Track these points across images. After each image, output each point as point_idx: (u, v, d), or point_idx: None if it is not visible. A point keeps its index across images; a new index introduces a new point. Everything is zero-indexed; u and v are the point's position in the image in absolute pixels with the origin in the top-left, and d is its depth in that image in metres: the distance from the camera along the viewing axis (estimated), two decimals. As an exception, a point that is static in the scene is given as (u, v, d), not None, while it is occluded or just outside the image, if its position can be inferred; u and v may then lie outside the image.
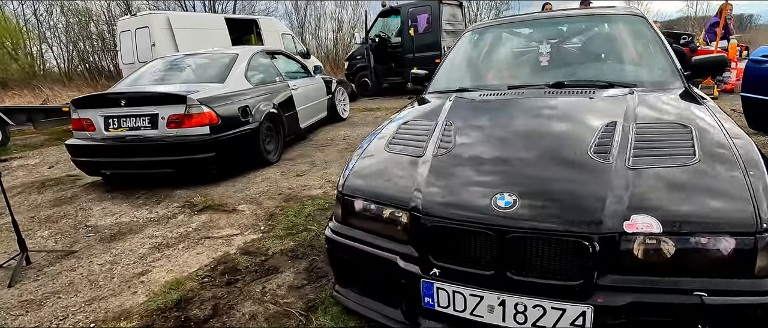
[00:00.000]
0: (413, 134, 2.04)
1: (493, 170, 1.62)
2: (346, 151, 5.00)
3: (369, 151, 2.00)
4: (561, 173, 1.52)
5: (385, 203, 1.65)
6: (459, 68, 2.96)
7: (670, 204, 1.30)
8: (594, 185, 1.41)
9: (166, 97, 3.76)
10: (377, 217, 1.67)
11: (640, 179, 1.40)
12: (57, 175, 5.00)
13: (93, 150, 3.90)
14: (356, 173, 1.85)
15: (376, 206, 1.67)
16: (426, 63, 9.91)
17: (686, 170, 1.41)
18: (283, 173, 4.25)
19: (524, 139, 1.78)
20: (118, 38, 10.12)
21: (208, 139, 3.75)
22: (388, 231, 1.64)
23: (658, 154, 1.50)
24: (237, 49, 4.95)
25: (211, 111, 3.81)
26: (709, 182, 1.37)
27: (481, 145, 1.79)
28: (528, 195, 1.42)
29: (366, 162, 1.92)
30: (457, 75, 2.90)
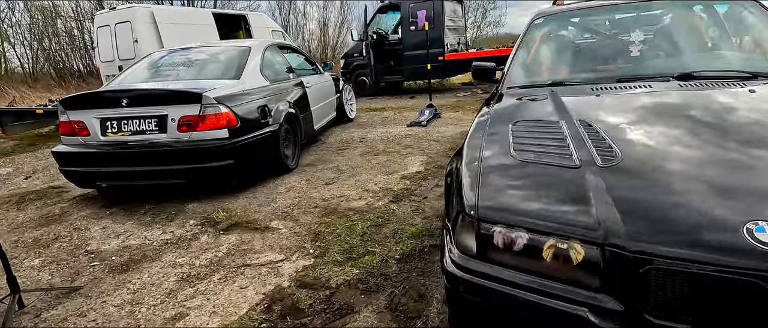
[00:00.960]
0: (539, 137, 1.62)
1: (724, 187, 1.19)
2: (369, 155, 4.54)
3: (489, 160, 1.56)
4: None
5: (552, 233, 1.22)
6: (540, 60, 2.55)
7: None
8: None
9: (177, 96, 3.21)
10: (539, 251, 1.24)
11: None
12: (37, 186, 4.34)
13: (87, 158, 3.31)
14: (493, 188, 1.41)
15: (539, 236, 1.24)
16: (428, 61, 9.55)
17: None
18: (309, 182, 3.75)
19: (740, 146, 1.37)
20: (95, 34, 9.31)
21: (226, 144, 3.22)
22: (561, 272, 1.20)
23: None
24: (248, 42, 4.40)
25: (230, 111, 3.28)
26: None
27: (674, 153, 1.38)
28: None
29: (498, 175, 1.47)
30: (539, 67, 2.50)
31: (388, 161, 4.24)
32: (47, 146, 6.88)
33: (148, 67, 4.04)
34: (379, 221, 2.77)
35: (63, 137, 3.43)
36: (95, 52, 9.76)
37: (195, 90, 3.20)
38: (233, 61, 3.92)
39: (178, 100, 3.19)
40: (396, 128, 6.03)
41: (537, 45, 2.63)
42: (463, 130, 5.49)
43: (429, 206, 3.00)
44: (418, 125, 6.05)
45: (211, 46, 4.36)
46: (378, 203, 3.12)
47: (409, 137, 5.34)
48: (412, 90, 11.57)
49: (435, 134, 5.40)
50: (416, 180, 3.60)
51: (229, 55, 4.04)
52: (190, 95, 3.18)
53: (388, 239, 2.49)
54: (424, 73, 9.95)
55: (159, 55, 4.28)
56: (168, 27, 8.81)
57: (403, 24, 9.89)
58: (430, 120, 6.22)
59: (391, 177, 3.72)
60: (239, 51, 4.07)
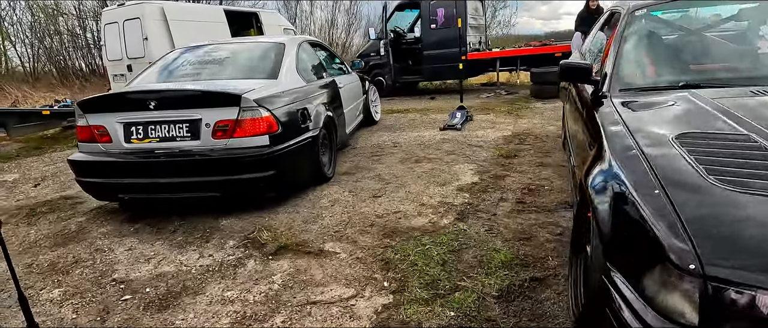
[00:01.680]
0: (732, 156, 1.23)
1: None
2: (410, 163, 4.15)
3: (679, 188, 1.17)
4: None
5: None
6: (656, 56, 2.16)
7: None
8: None
9: (212, 97, 2.82)
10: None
11: None
12: (48, 196, 3.95)
13: (108, 168, 2.92)
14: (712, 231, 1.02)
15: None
16: (449, 60, 9.17)
17: None
18: (353, 194, 3.36)
19: None
20: (103, 31, 8.92)
21: (266, 152, 2.83)
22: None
23: None
24: (280, 38, 4.01)
25: (271, 115, 2.89)
26: None
27: None
28: None
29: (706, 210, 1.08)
30: (656, 65, 2.12)
31: (434, 170, 3.85)
32: (53, 150, 6.50)
33: (172, 66, 3.64)
34: (454, 244, 2.38)
35: (81, 144, 3.04)
36: (102, 51, 9.35)
37: (233, 91, 2.81)
38: (268, 58, 3.54)
39: (213, 103, 2.81)
40: (428, 132, 5.65)
41: (646, 40, 2.24)
42: (504, 135, 5.12)
43: (503, 226, 2.62)
44: (452, 129, 5.66)
45: (242, 43, 3.98)
46: (443, 220, 2.73)
47: (446, 142, 4.95)
48: (429, 91, 11.18)
49: (474, 139, 5.02)
50: (475, 193, 3.22)
51: (263, 52, 3.65)
52: (228, 97, 2.80)
53: (475, 270, 2.10)
54: (444, 73, 9.58)
55: (184, 51, 3.88)
56: (179, 24, 8.42)
57: (422, 22, 9.50)
58: (464, 123, 5.84)
59: (446, 189, 3.33)
60: (273, 47, 3.68)
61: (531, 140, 4.76)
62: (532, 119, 6.01)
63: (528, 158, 4.05)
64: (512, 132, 5.25)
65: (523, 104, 7.41)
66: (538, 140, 4.74)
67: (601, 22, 3.32)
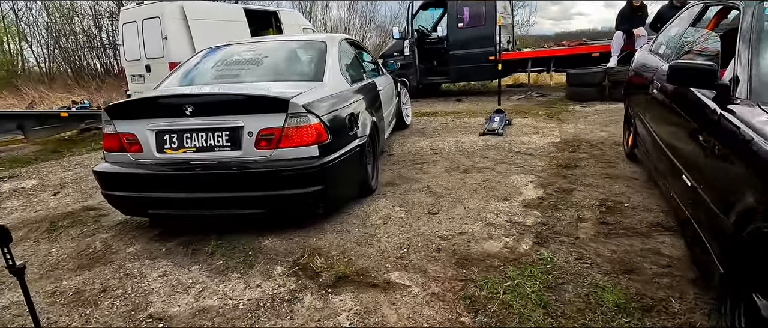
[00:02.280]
0: None
1: None
2: (458, 173, 3.79)
3: None
4: None
5: None
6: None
7: None
8: None
9: (256, 102, 2.49)
10: None
11: None
12: (68, 207, 3.66)
13: (139, 181, 2.61)
14: None
15: None
16: (477, 60, 8.78)
17: None
18: (404, 209, 3.02)
19: None
20: (121, 31, 8.69)
21: (316, 164, 2.49)
22: None
23: None
24: (321, 36, 3.67)
25: (320, 122, 2.55)
26: None
27: None
28: None
29: None
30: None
31: (488, 182, 3.49)
32: (72, 153, 6.26)
33: (205, 66, 3.32)
34: (547, 278, 2.01)
35: (107, 153, 2.73)
36: (120, 51, 9.13)
37: (280, 95, 2.48)
38: (310, 58, 3.21)
39: (256, 108, 2.48)
40: (467, 137, 5.28)
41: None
42: (553, 142, 4.73)
43: (594, 253, 2.25)
44: (492, 134, 5.29)
45: (280, 40, 3.65)
46: (520, 246, 2.37)
47: (491, 149, 4.58)
48: (453, 92, 10.80)
49: (520, 146, 4.64)
50: (545, 210, 2.85)
51: (304, 51, 3.32)
52: (274, 102, 2.47)
53: (585, 314, 1.74)
54: (472, 74, 9.19)
55: (216, 50, 3.56)
56: (199, 23, 8.16)
57: (449, 21, 9.12)
58: (504, 128, 5.46)
59: (510, 205, 2.97)
60: (315, 46, 3.35)
61: (586, 148, 4.37)
62: (576, 124, 5.61)
63: (591, 169, 3.66)
64: (561, 138, 4.86)
65: (560, 107, 7.00)
66: (594, 148, 4.34)
67: (689, 17, 2.92)
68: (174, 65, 7.85)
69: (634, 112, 3.42)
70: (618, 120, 5.61)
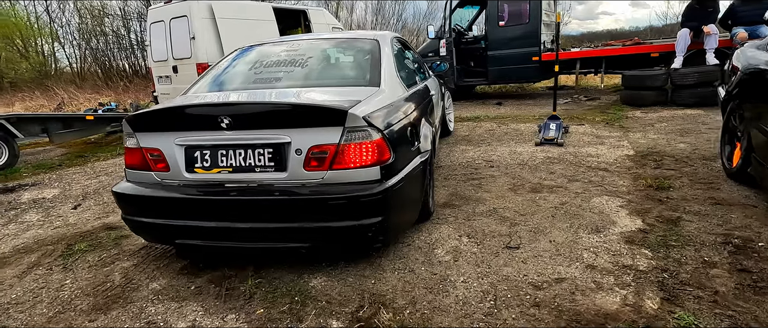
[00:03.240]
0: None
1: None
2: (525, 192, 3.26)
3: None
4: None
5: None
6: None
7: None
8: None
9: (306, 113, 2.03)
10: None
11: None
12: (88, 223, 3.30)
13: (164, 206, 2.18)
14: None
15: None
16: (520, 61, 8.18)
17: None
18: (474, 240, 2.51)
19: None
20: (148, 30, 8.46)
21: (377, 191, 2.01)
22: None
23: None
24: (369, 33, 3.18)
25: (383, 138, 2.07)
26: None
27: None
28: None
29: None
30: None
31: (568, 206, 2.94)
32: (97, 158, 5.99)
33: (240, 69, 2.89)
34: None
35: (129, 171, 2.31)
36: (147, 51, 8.92)
37: (337, 105, 2.00)
38: (362, 59, 2.73)
39: (307, 120, 2.02)
40: (522, 147, 4.73)
41: None
42: (626, 154, 4.13)
43: (751, 317, 1.69)
44: (551, 144, 4.72)
45: (323, 38, 3.19)
46: (645, 302, 1.83)
47: (555, 162, 4.02)
48: (490, 95, 10.21)
49: (588, 159, 4.06)
50: (655, 248, 2.29)
51: (354, 51, 2.85)
52: (329, 113, 2.00)
53: None
54: (514, 76, 8.56)
55: (251, 50, 3.11)
56: (227, 22, 7.85)
57: (489, 19, 8.53)
58: (562, 136, 4.88)
59: (606, 239, 2.42)
60: (365, 44, 2.87)
61: (670, 163, 3.76)
62: (646, 133, 4.97)
63: (689, 191, 3.07)
64: (635, 150, 4.25)
65: (617, 113, 6.34)
66: (681, 164, 3.73)
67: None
68: (202, 67, 7.60)
69: (751, 123, 2.81)
70: (694, 129, 4.96)
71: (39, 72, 16.55)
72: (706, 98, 6.11)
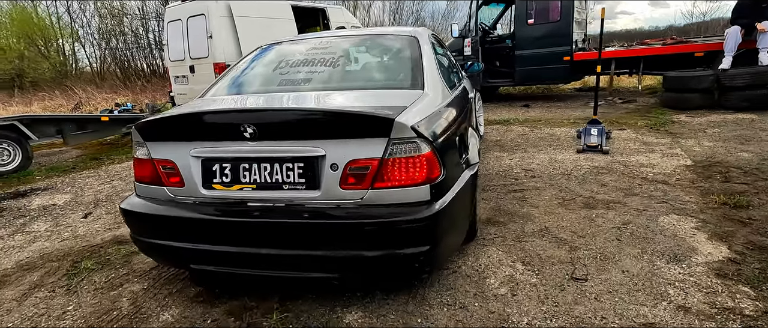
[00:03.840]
0: None
1: None
2: (577, 207, 2.89)
3: None
4: None
5: None
6: None
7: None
8: None
9: (346, 121, 1.71)
10: None
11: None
12: (97, 236, 3.05)
13: (178, 226, 1.89)
14: None
15: None
16: (548, 61, 7.76)
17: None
18: (531, 268, 2.16)
19: None
20: (166, 29, 8.29)
21: (427, 215, 1.68)
22: None
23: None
24: (405, 29, 2.86)
25: (433, 151, 1.75)
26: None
27: None
28: None
29: None
30: None
31: (631, 225, 2.57)
32: (112, 160, 5.80)
33: (264, 68, 2.59)
34: None
35: (139, 185, 2.03)
36: (164, 51, 8.76)
37: (381, 112, 1.68)
38: (401, 57, 2.40)
39: (346, 130, 1.70)
40: (562, 154, 4.35)
41: None
42: (684, 164, 3.72)
43: None
44: (593, 151, 4.33)
45: (355, 35, 2.87)
46: (768, 361, 1.47)
47: (603, 172, 3.64)
48: (515, 96, 9.78)
49: (641, 169, 3.66)
50: (754, 283, 1.91)
51: (391, 49, 2.53)
52: (373, 122, 1.67)
53: None
54: (544, 76, 8.12)
55: (273, 48, 2.81)
56: (245, 21, 7.63)
57: (516, 17, 8.13)
58: (606, 143, 4.48)
59: (692, 271, 2.05)
60: (403, 41, 2.54)
61: (739, 176, 3.34)
62: (699, 140, 4.54)
63: (773, 210, 2.67)
64: (692, 160, 3.83)
65: (659, 117, 5.89)
66: (752, 176, 3.31)
67: None
68: (219, 67, 7.38)
69: None
70: (754, 137, 4.50)
71: (59, 72, 16.67)
72: (758, 102, 5.63)
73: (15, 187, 4.64)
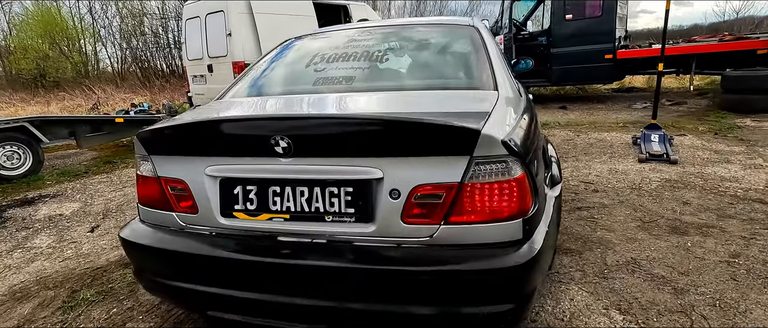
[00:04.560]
0: None
1: None
2: (665, 232, 2.40)
3: None
4: None
5: None
6: None
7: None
8: None
9: (411, 134, 1.27)
10: None
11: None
12: (102, 256, 2.69)
13: (190, 264, 1.48)
14: None
15: None
16: (589, 59, 7.20)
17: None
18: (631, 315, 1.69)
19: None
20: (184, 27, 8.02)
21: (521, 261, 1.23)
22: None
23: None
24: (460, 19, 2.39)
25: (526, 174, 1.30)
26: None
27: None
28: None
29: None
30: None
31: (744, 259, 2.07)
32: (125, 164, 5.49)
33: (294, 65, 2.16)
34: None
35: (143, 209, 1.63)
36: (182, 49, 8.49)
37: (457, 120, 1.24)
38: (465, 51, 1.94)
39: (410, 145, 1.26)
40: (622, 163, 3.83)
41: None
42: (777, 179, 3.18)
43: None
44: (658, 160, 3.81)
45: (401, 24, 2.41)
46: None
47: (677, 187, 3.12)
48: (547, 97, 9.23)
49: (723, 183, 3.14)
50: None
51: (450, 40, 2.07)
52: (450, 134, 1.23)
53: None
54: (582, 76, 7.56)
55: (300, 40, 2.39)
56: (265, 18, 7.28)
57: (553, 13, 7.59)
58: (672, 151, 3.95)
59: None
60: (463, 31, 2.09)
61: None
62: (781, 148, 3.97)
63: None
64: (785, 173, 3.29)
65: (722, 121, 5.30)
66: None
67: None
68: (238, 66, 7.04)
69: None
70: None
71: (79, 72, 16.72)
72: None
73: (23, 193, 4.35)
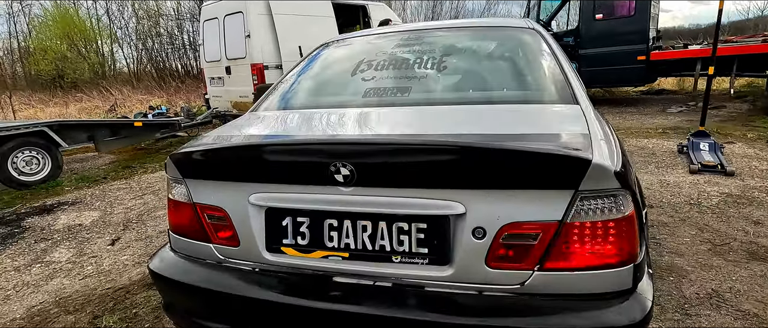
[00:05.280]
0: None
1: None
2: (742, 258, 2.15)
3: None
4: None
5: None
6: None
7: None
8: None
9: (502, 162, 1.06)
10: None
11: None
12: (124, 274, 2.52)
13: (229, 305, 1.29)
14: None
15: None
16: (620, 61, 6.89)
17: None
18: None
19: None
20: (201, 29, 7.91)
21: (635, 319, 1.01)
22: None
23: None
24: (518, 21, 2.15)
25: (636, 210, 1.08)
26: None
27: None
28: None
29: None
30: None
31: None
32: (145, 169, 5.37)
33: (336, 71, 1.95)
34: None
35: (175, 237, 1.44)
36: (200, 51, 8.39)
37: (561, 148, 1.03)
38: (532, 59, 1.71)
39: (502, 176, 1.05)
40: (671, 175, 3.56)
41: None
42: None
43: None
44: (712, 171, 3.53)
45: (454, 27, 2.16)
46: None
47: (742, 202, 2.85)
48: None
49: (795, 199, 2.86)
50: None
51: (513, 47, 1.84)
52: (552, 163, 1.02)
53: None
54: (612, 78, 7.24)
55: (342, 43, 2.17)
56: (284, 19, 7.13)
57: (583, 12, 7.29)
58: (725, 161, 3.67)
59: None
60: (524, 36, 1.85)
61: None
62: None
63: None
64: None
65: (770, 127, 4.99)
66: None
67: None
68: (257, 68, 6.90)
69: None
70: None
71: (96, 73, 16.83)
72: None
73: (42, 200, 4.24)
